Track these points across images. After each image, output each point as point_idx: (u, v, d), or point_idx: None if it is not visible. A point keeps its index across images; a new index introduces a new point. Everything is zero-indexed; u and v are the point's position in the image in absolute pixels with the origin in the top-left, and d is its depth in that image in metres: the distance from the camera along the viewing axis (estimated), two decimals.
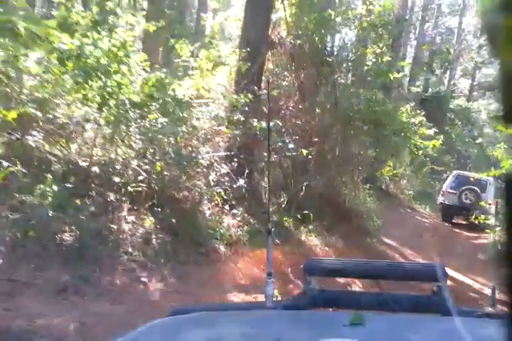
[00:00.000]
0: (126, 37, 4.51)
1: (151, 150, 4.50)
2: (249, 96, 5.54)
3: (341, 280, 3.95)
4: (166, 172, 4.38)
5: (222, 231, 4.79)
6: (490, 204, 12.94)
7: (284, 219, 5.99)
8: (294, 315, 1.18)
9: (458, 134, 23.01)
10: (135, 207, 4.20)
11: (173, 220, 4.26)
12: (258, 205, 5.77)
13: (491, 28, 0.39)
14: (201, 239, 4.44)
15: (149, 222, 4.17)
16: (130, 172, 4.27)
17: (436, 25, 25.93)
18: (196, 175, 4.91)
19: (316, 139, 6.77)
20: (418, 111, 11.99)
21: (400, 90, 17.43)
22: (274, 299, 1.27)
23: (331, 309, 1.38)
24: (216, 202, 5.12)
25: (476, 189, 13.33)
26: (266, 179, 6.74)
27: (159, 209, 4.28)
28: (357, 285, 4.50)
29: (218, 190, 5.12)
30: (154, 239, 4.04)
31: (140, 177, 4.22)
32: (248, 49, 6.46)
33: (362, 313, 1.05)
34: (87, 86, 3.93)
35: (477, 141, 21.32)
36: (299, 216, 6.08)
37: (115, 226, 3.87)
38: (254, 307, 1.39)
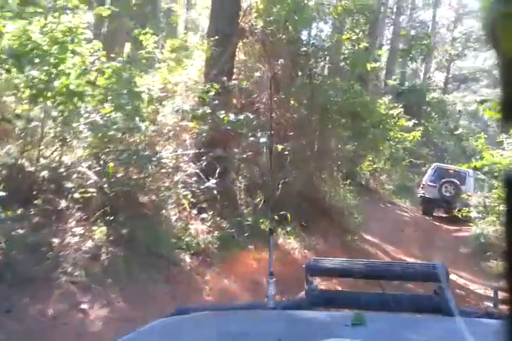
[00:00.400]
0: (73, 22, 3.98)
1: (106, 150, 3.96)
2: (216, 86, 5.06)
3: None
4: (119, 174, 3.84)
5: (187, 239, 4.27)
6: (470, 196, 12.91)
7: (261, 220, 5.55)
8: (295, 315, 1.18)
9: (435, 127, 23.12)
10: (84, 216, 3.66)
11: (129, 230, 3.71)
12: (232, 207, 5.28)
13: (490, 19, 0.39)
14: (162, 250, 3.89)
15: (100, 233, 3.62)
16: (77, 175, 3.72)
17: (410, 18, 25.93)
18: (160, 176, 4.41)
19: (291, 133, 6.35)
20: (396, 104, 11.77)
21: (376, 83, 17.28)
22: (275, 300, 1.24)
23: (332, 309, 1.36)
24: (183, 206, 4.62)
25: (456, 181, 13.27)
26: (241, 178, 6.30)
27: (112, 218, 3.73)
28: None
29: (185, 193, 4.61)
30: (104, 254, 3.48)
31: (90, 181, 3.69)
32: (217, 38, 5.99)
33: (363, 313, 1.04)
34: (18, 75, 3.39)
35: (456, 132, 21.46)
36: (276, 217, 5.64)
37: (57, 240, 3.33)
38: (255, 307, 1.36)
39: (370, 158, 10.55)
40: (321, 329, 1.04)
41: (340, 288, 3.40)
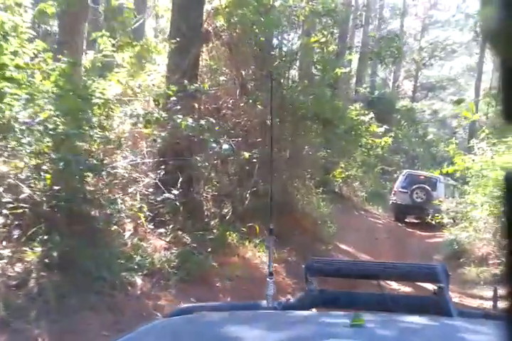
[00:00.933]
0: (13, 20, 3.57)
1: (46, 159, 3.49)
2: (173, 88, 4.70)
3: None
4: (57, 187, 3.37)
5: (138, 258, 3.80)
6: (441, 201, 12.98)
7: (228, 233, 5.16)
8: (294, 316, 1.17)
9: (405, 134, 23.48)
10: (15, 236, 3.16)
11: (67, 250, 3.16)
12: (197, 219, 4.86)
13: (491, 27, 0.41)
14: (107, 272, 3.39)
15: (32, 255, 3.11)
16: (8, 188, 3.24)
17: (379, 28, 26.44)
18: (112, 187, 3.97)
19: (259, 140, 6.04)
20: (366, 111, 11.72)
21: (347, 91, 17.35)
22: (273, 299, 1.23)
23: (331, 309, 1.33)
24: (140, 220, 4.17)
25: (427, 187, 13.35)
26: (207, 188, 5.93)
27: (47, 237, 3.20)
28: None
29: (138, 205, 4.17)
30: (34, 280, 2.94)
31: (23, 195, 3.22)
32: (179, 40, 5.66)
33: (363, 314, 1.02)
34: None
35: (425, 139, 21.85)
36: (244, 229, 5.28)
37: None
38: (255, 308, 1.34)
39: (343, 165, 10.39)
40: (320, 329, 1.04)
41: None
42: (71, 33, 7.31)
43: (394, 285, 5.37)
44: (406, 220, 14.08)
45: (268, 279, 1.32)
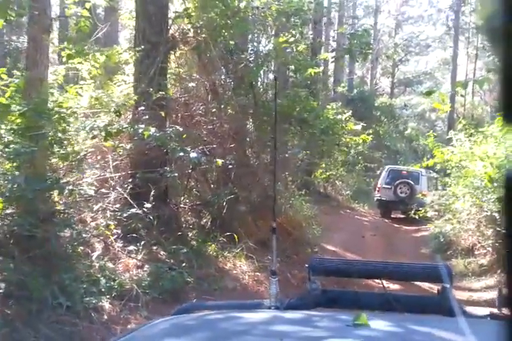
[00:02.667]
0: None
1: None
2: (135, 97, 4.54)
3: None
4: (9, 211, 3.15)
5: (103, 280, 3.52)
6: (424, 195, 13.05)
7: (208, 244, 4.99)
8: (297, 315, 1.16)
9: (385, 130, 23.67)
10: None
11: (20, 280, 2.91)
12: (173, 232, 4.68)
13: (491, 26, 0.41)
14: (68, 298, 3.12)
15: None
16: None
17: (352, 27, 26.65)
18: (74, 206, 3.77)
19: (232, 145, 5.91)
20: (344, 109, 11.71)
21: (325, 92, 17.36)
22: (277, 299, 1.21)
23: (334, 309, 1.32)
24: (109, 239, 3.97)
25: (410, 182, 13.42)
26: (183, 198, 5.77)
27: (0, 266, 2.96)
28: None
29: (103, 223, 3.96)
30: None
31: None
32: (143, 47, 5.51)
33: (365, 313, 1.02)
34: None
35: (407, 133, 22.06)
36: (223, 238, 5.11)
37: None
38: (257, 307, 1.32)
39: (324, 165, 10.34)
40: (323, 329, 1.03)
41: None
42: (35, 47, 7.11)
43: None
44: (392, 216, 14.12)
45: (271, 278, 1.30)
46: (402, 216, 13.70)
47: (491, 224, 7.79)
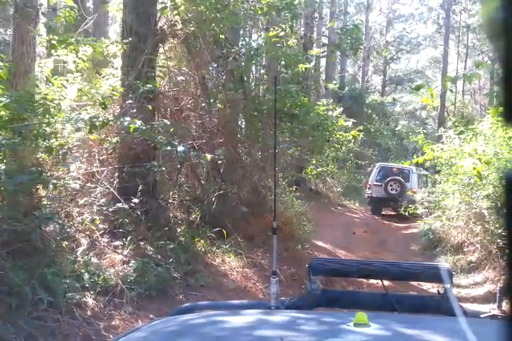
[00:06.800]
0: None
1: None
2: (121, 89, 4.44)
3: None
4: None
5: (87, 275, 3.41)
6: (414, 192, 13.13)
7: (196, 239, 4.92)
8: (297, 315, 1.16)
9: (376, 128, 23.75)
10: None
11: (1, 274, 2.81)
12: (161, 227, 4.59)
13: (493, 24, 0.42)
14: (50, 294, 3.02)
15: None
16: None
17: (344, 24, 26.62)
18: (58, 201, 3.68)
19: (221, 140, 5.83)
20: (336, 107, 11.68)
21: (318, 89, 17.32)
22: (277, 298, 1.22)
23: (334, 309, 1.33)
24: (95, 233, 3.87)
25: (400, 179, 13.48)
26: (172, 193, 5.68)
27: None
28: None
29: (89, 218, 3.86)
30: None
31: None
32: (130, 39, 5.40)
33: (366, 313, 1.02)
34: None
35: (397, 130, 22.14)
36: (212, 234, 5.04)
37: None
38: (258, 307, 1.33)
39: (315, 162, 10.29)
40: (323, 329, 1.03)
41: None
42: (20, 38, 6.96)
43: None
44: (382, 213, 14.17)
45: (271, 278, 1.30)
46: (393, 213, 13.76)
47: (480, 221, 7.83)
